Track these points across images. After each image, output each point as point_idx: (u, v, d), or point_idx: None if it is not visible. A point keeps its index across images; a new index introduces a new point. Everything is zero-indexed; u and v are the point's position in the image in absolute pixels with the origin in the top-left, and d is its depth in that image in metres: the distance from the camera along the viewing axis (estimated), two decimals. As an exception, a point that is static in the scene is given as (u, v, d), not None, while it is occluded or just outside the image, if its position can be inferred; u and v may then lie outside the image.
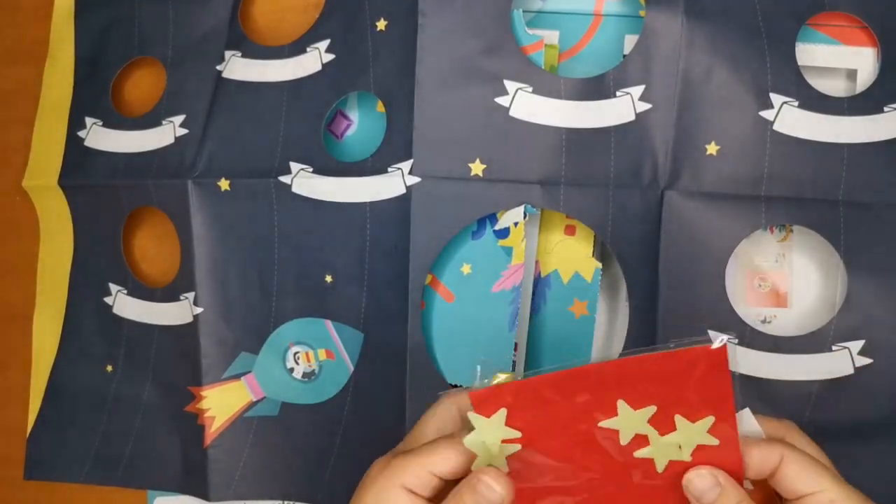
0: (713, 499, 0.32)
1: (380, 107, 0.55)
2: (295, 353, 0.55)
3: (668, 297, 0.47)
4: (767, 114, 0.46)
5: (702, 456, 0.32)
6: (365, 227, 0.51)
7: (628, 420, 0.32)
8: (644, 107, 0.47)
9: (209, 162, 0.54)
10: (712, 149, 0.46)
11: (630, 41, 0.51)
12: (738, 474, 0.32)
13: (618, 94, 0.47)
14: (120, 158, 0.58)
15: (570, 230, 0.52)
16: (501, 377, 0.32)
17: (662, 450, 0.32)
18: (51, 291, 0.61)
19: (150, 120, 0.57)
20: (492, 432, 0.32)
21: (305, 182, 0.52)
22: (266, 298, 0.54)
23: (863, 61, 0.48)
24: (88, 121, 0.60)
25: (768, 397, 0.46)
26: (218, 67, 0.56)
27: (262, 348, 0.55)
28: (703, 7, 0.46)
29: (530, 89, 0.48)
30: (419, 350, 0.50)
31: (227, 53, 0.56)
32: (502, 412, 0.32)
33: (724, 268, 0.46)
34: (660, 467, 0.32)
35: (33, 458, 0.61)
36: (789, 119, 0.46)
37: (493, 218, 0.50)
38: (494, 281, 0.50)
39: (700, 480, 0.32)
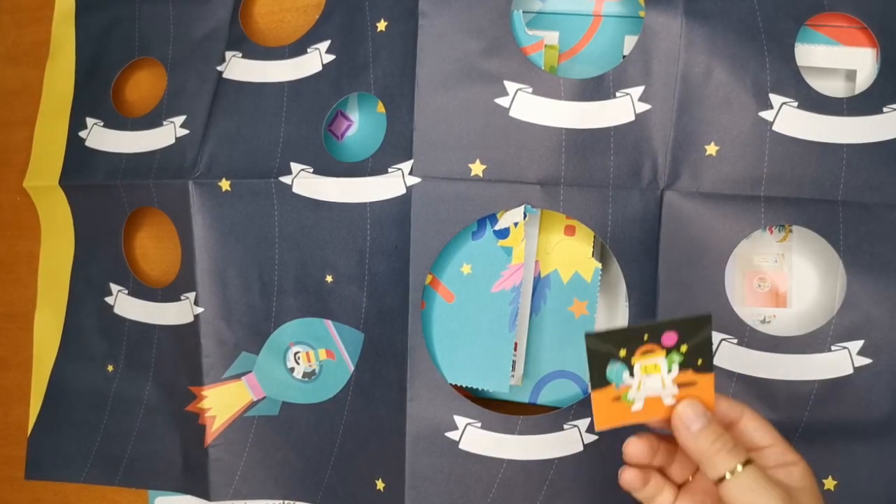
0: (700, 427, 0.36)
1: (380, 107, 0.55)
2: (295, 353, 0.55)
3: (667, 297, 0.47)
4: (767, 114, 0.46)
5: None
6: (365, 227, 0.51)
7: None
8: (644, 107, 0.47)
9: (210, 162, 0.54)
10: (712, 149, 0.46)
11: (630, 42, 0.51)
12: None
13: (617, 94, 0.47)
14: (121, 159, 0.58)
15: (569, 230, 0.52)
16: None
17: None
18: (52, 291, 0.61)
19: (150, 120, 0.58)
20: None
21: (306, 182, 0.52)
22: (266, 298, 0.54)
23: (862, 62, 0.48)
24: (89, 121, 0.60)
25: (767, 397, 0.46)
26: (218, 68, 0.56)
27: (263, 348, 0.55)
28: (702, 8, 0.46)
29: (530, 90, 0.48)
30: (419, 350, 0.50)
31: (228, 54, 0.56)
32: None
33: (723, 268, 0.47)
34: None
35: (34, 458, 0.61)
36: (789, 119, 0.46)
37: (493, 218, 0.50)
38: (494, 281, 0.50)
39: (691, 409, 0.36)
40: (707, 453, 0.35)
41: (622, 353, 0.35)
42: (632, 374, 0.36)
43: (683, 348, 0.35)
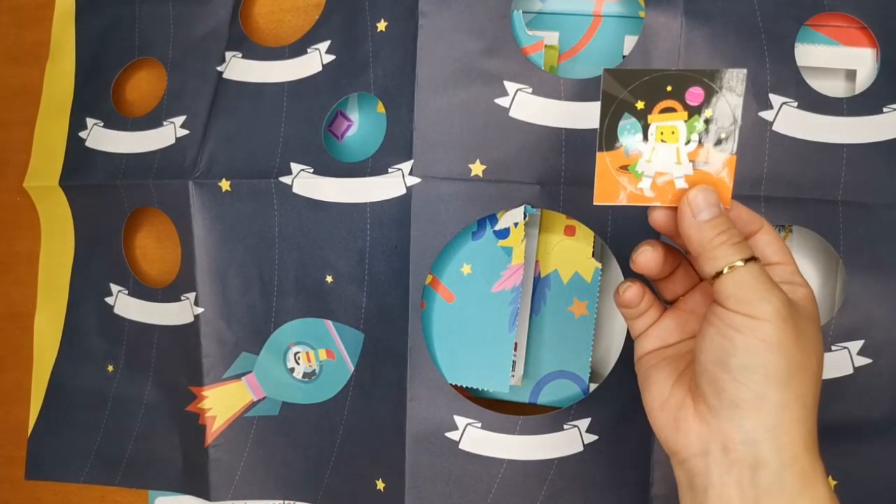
0: (708, 217, 0.32)
1: (380, 107, 0.55)
2: (295, 353, 0.55)
3: (667, 297, 0.47)
4: (767, 114, 0.46)
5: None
6: (365, 227, 0.51)
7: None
8: (644, 107, 0.47)
9: (210, 162, 0.54)
10: (712, 149, 0.46)
11: (630, 42, 0.51)
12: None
13: (617, 94, 0.47)
14: (121, 159, 0.58)
15: (569, 230, 0.52)
16: None
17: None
18: (52, 291, 0.61)
19: (151, 120, 0.58)
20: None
21: (306, 182, 0.52)
22: (266, 298, 0.54)
23: (862, 62, 0.48)
24: (90, 121, 0.60)
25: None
26: (219, 68, 0.56)
27: (263, 348, 0.55)
28: (702, 8, 0.46)
29: (530, 90, 0.48)
30: (419, 350, 0.50)
31: (228, 54, 0.56)
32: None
33: (723, 268, 0.47)
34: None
35: (34, 458, 0.61)
36: (789, 119, 0.46)
37: (493, 218, 0.50)
38: (494, 281, 0.50)
39: (703, 196, 0.32)
40: (710, 245, 0.32)
41: (640, 104, 0.31)
42: (645, 139, 0.32)
43: (709, 113, 0.32)
